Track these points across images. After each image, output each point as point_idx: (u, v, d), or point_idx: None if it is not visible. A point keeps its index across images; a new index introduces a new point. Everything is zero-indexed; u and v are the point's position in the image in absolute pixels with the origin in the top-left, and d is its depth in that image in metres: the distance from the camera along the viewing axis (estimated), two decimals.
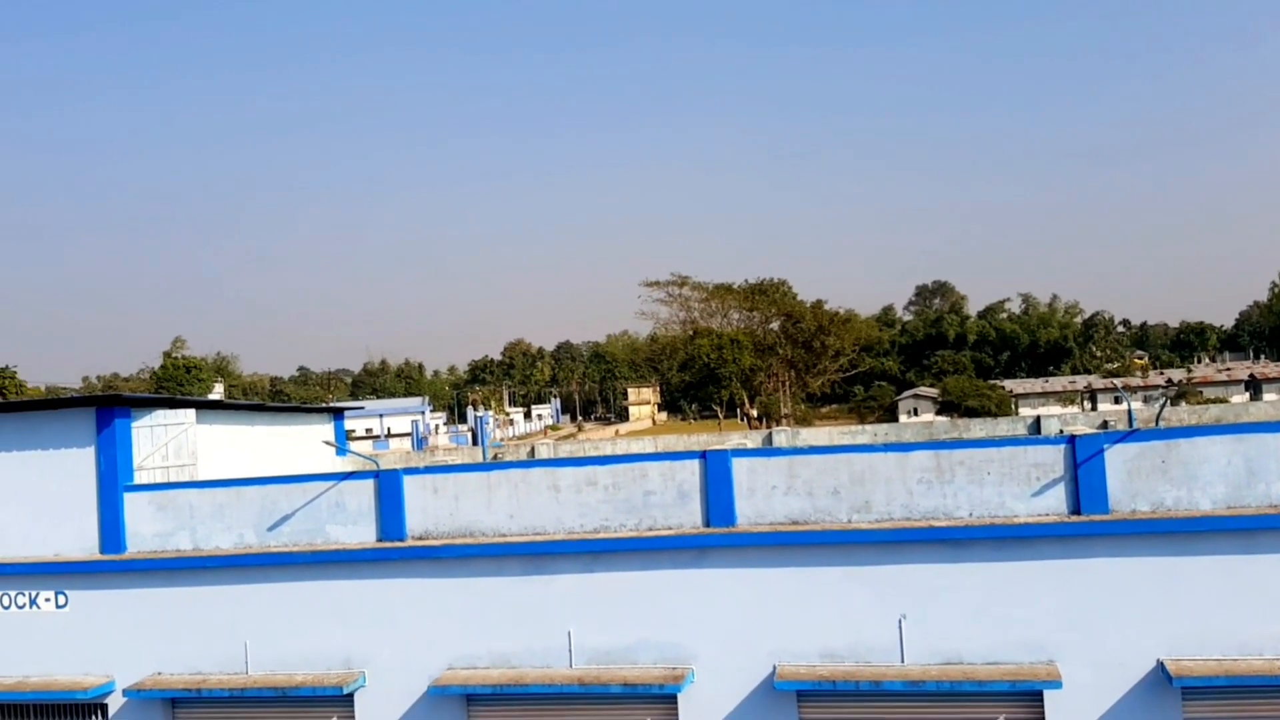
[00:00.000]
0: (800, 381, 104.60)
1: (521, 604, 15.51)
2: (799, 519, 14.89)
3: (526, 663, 15.39)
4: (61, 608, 17.26)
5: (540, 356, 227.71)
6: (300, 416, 25.79)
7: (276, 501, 16.65)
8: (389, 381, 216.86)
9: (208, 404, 21.35)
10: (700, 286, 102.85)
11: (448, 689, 15.16)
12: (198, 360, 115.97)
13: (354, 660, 15.99)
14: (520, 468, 16.22)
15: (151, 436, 18.28)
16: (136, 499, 17.15)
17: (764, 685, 14.66)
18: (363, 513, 16.34)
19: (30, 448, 17.75)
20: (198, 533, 16.86)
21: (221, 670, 16.38)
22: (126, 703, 16.72)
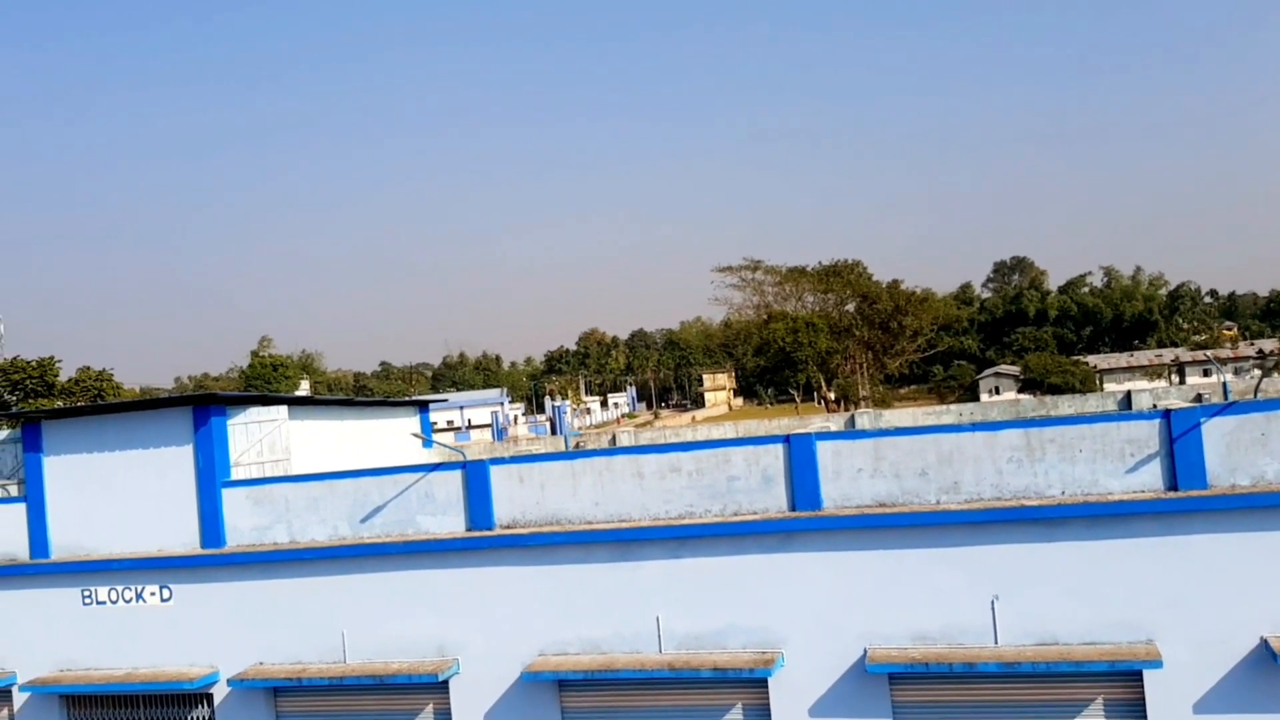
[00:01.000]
0: (878, 363, 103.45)
1: (609, 590, 15.64)
2: (886, 501, 14.78)
3: (616, 648, 15.54)
4: (166, 601, 17.85)
5: (614, 345, 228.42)
6: (387, 410, 26.29)
7: (368, 493, 17.01)
8: (468, 374, 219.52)
9: (298, 400, 21.87)
10: (774, 270, 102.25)
11: (540, 675, 15.38)
12: (284, 358, 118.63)
13: (448, 648, 16.29)
14: (603, 455, 16.31)
15: (246, 433, 18.79)
16: (234, 494, 17.66)
17: (855, 668, 14.60)
18: (451, 503, 16.61)
19: (132, 447, 18.36)
20: (294, 525, 17.30)
21: (320, 659, 16.81)
22: (231, 692, 17.25)
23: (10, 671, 18.56)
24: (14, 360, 63.19)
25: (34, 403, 58.68)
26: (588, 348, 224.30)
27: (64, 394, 61.41)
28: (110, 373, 65.15)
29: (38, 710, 18.53)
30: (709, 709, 15.32)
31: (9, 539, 18.89)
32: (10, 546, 18.87)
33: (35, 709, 18.55)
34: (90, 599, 18.21)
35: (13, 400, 60.60)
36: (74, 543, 18.50)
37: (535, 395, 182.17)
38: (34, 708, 18.55)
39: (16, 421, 21.31)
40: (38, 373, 61.72)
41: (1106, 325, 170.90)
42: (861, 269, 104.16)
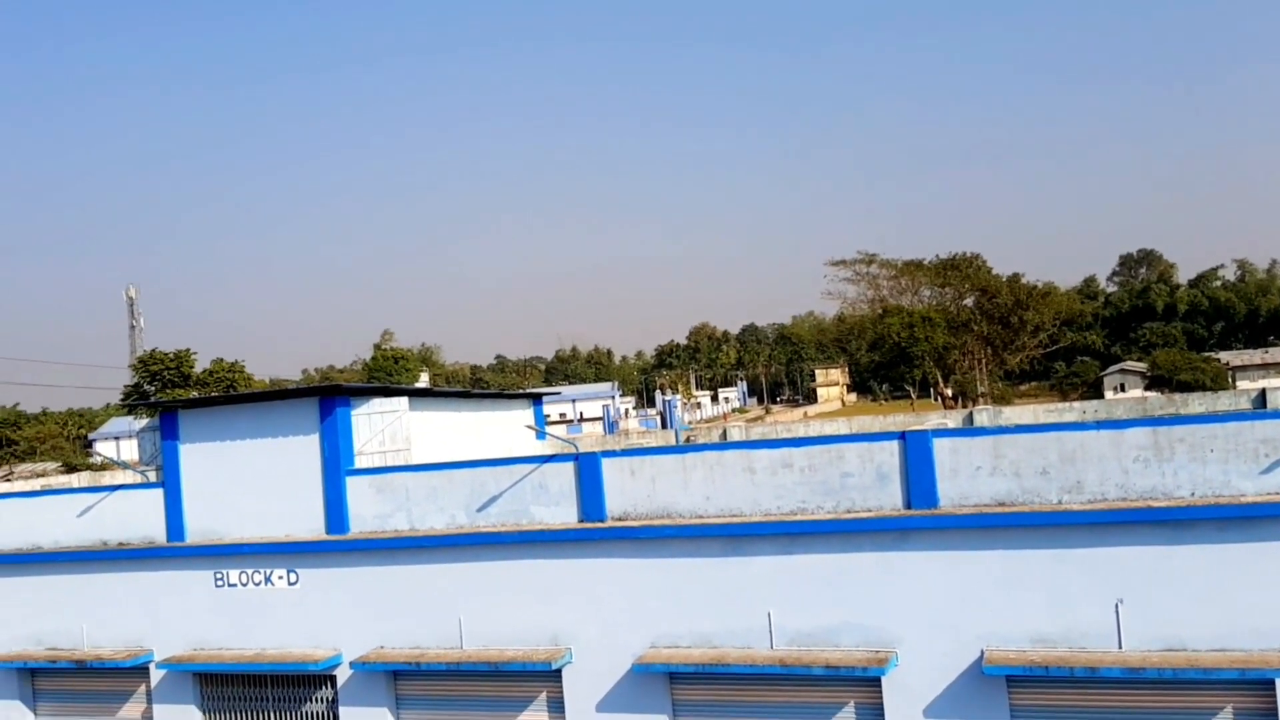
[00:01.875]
0: (997, 359, 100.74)
1: (720, 585, 15.66)
2: (1005, 500, 14.44)
3: (727, 643, 15.55)
4: (293, 585, 18.52)
5: (725, 340, 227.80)
6: (502, 402, 26.78)
7: (484, 483, 17.37)
8: (579, 367, 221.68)
9: (418, 392, 22.42)
10: (889, 264, 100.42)
11: (651, 667, 15.49)
12: (405, 351, 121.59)
13: (561, 637, 16.54)
14: (715, 450, 16.32)
15: (369, 423, 19.36)
16: (358, 482, 18.22)
17: (971, 669, 14.32)
18: (564, 494, 16.84)
19: (262, 435, 19.10)
20: (413, 514, 17.77)
21: (439, 644, 17.24)
22: (353, 674, 17.81)
23: (148, 649, 19.50)
24: (152, 352, 66.25)
25: (171, 393, 61.43)
26: (698, 342, 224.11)
27: (199, 384, 64.08)
28: (242, 364, 67.77)
29: (173, 687, 19.44)
30: (821, 706, 15.22)
31: (148, 522, 19.84)
32: (149, 530, 19.82)
33: (170, 686, 19.46)
34: (222, 581, 19.01)
35: (151, 390, 63.52)
36: (207, 527, 19.34)
37: (646, 389, 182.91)
38: (169, 684, 19.46)
39: (155, 411, 22.38)
40: (174, 364, 64.55)
41: (1240, 321, 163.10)
42: (980, 262, 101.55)
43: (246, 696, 19.13)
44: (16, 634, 20.71)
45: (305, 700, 18.64)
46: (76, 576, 20.25)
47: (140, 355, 71.46)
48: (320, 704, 18.48)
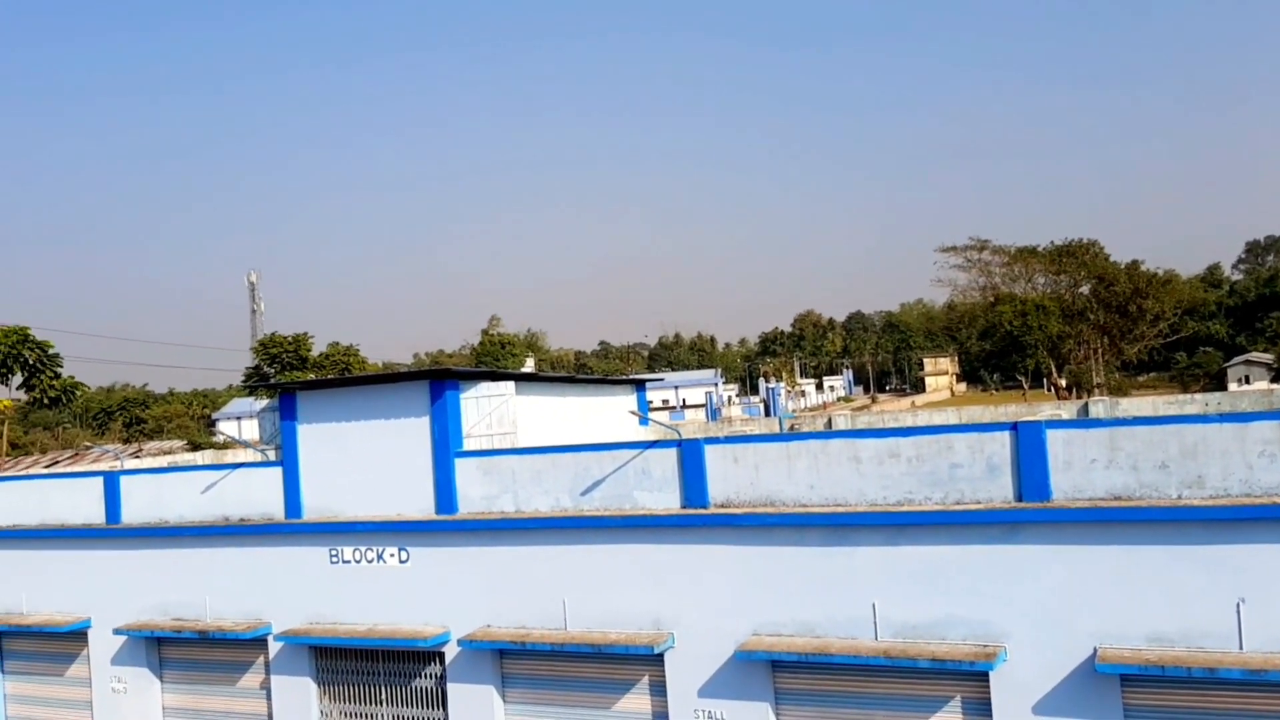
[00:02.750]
0: (1114, 349, 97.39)
1: (824, 574, 15.55)
2: (1121, 494, 14.01)
3: (831, 633, 15.44)
4: (404, 563, 19.02)
5: (831, 327, 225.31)
6: (606, 388, 27.01)
7: (588, 468, 17.55)
8: (682, 354, 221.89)
9: (525, 376, 22.76)
10: (1001, 250, 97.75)
11: (754, 654, 15.48)
12: (511, 336, 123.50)
13: (663, 622, 16.64)
14: (819, 439, 16.19)
15: (477, 407, 19.74)
16: (466, 464, 18.60)
17: (1083, 667, 13.95)
18: (667, 480, 16.91)
19: (375, 417, 19.62)
20: (519, 496, 18.07)
21: (543, 625, 17.52)
22: (461, 652, 18.22)
23: (266, 622, 20.25)
24: (272, 335, 68.56)
25: (289, 375, 63.50)
26: (803, 329, 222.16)
27: (315, 367, 66.12)
28: (356, 348, 69.71)
29: (290, 659, 20.16)
30: (926, 699, 15.02)
31: (267, 500, 20.59)
32: (268, 507, 20.57)
33: (287, 658, 20.18)
34: (337, 558, 19.62)
35: (271, 372, 65.76)
36: (323, 505, 19.98)
37: (749, 376, 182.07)
38: (286, 656, 20.19)
39: (274, 392, 23.15)
40: (293, 347, 66.71)
41: None
42: (1098, 249, 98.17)
43: (359, 670, 19.73)
44: (145, 604, 21.73)
45: (415, 676, 19.15)
46: (200, 550, 21.13)
47: (261, 338, 74.02)
48: (429, 680, 18.96)
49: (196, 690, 21.66)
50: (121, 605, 21.98)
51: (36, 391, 67.44)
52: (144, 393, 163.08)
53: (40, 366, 66.90)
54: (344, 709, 19.87)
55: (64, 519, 23.09)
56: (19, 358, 66.08)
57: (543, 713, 17.79)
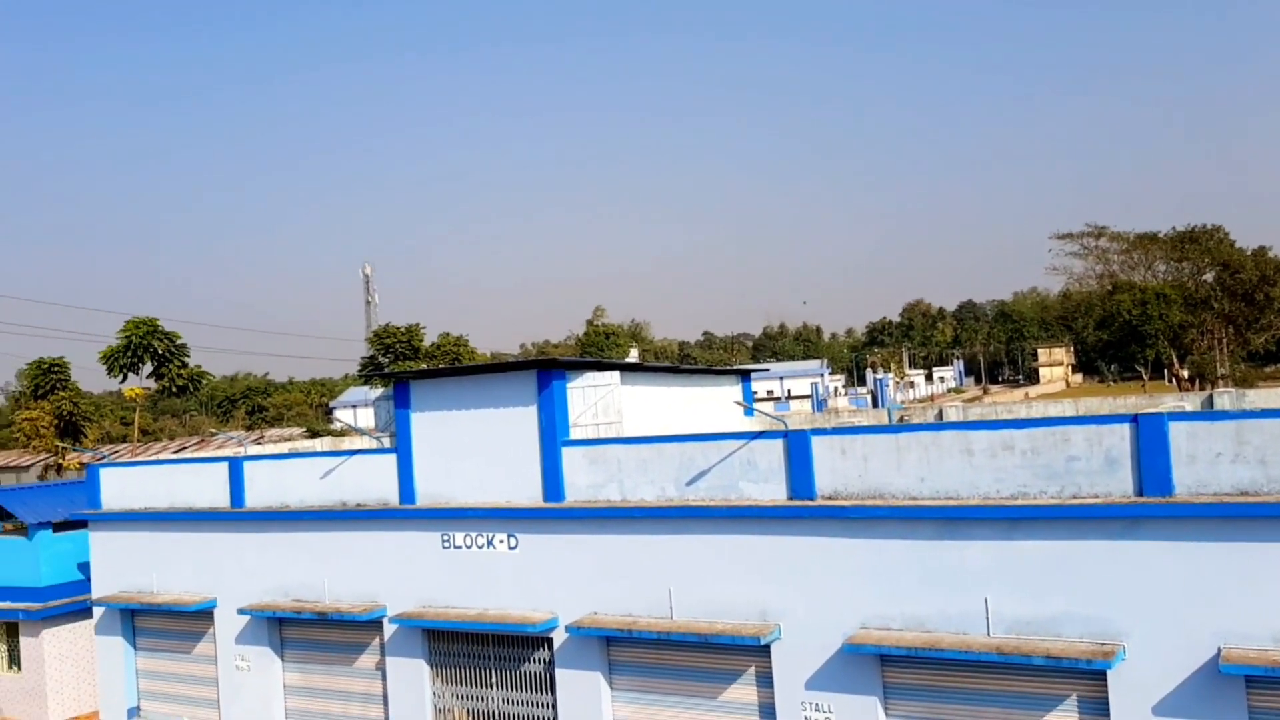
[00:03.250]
0: (1240, 338, 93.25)
1: (934, 568, 15.29)
2: (1248, 489, 13.43)
3: (941, 628, 15.18)
4: (513, 549, 19.33)
5: (941, 317, 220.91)
6: (710, 378, 26.98)
7: (693, 458, 17.57)
8: (788, 344, 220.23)
9: (630, 366, 22.88)
10: (1120, 237, 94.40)
11: (862, 648, 15.32)
12: (615, 327, 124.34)
13: (769, 613, 16.58)
14: (930, 430, 15.90)
15: (583, 396, 19.93)
16: (572, 453, 18.80)
17: (1206, 668, 13.43)
18: (773, 471, 16.82)
19: (484, 406, 19.97)
20: (625, 485, 18.19)
21: (650, 613, 17.62)
22: (569, 638, 18.45)
23: (382, 604, 20.82)
24: (386, 326, 70.33)
25: (402, 364, 65.05)
26: (912, 319, 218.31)
27: (427, 357, 67.55)
28: (466, 338, 70.95)
29: (404, 641, 20.70)
30: (1040, 698, 14.66)
31: (382, 486, 21.15)
32: (383, 493, 21.13)
33: (402, 639, 20.73)
34: (448, 543, 20.06)
35: (385, 362, 67.44)
36: (435, 491, 20.43)
37: (856, 367, 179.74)
38: (400, 638, 20.74)
39: (389, 381, 23.74)
40: (406, 337, 68.31)
41: None
42: (1222, 235, 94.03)
43: (470, 653, 20.15)
44: (267, 585, 22.55)
45: (524, 660, 19.47)
46: (319, 534, 21.83)
47: (375, 329, 76.01)
48: (538, 664, 19.26)
49: (315, 669, 22.40)
50: (245, 586, 22.86)
51: (165, 380, 70.50)
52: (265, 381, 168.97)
53: (169, 356, 69.90)
54: (456, 691, 20.32)
55: (191, 503, 24.10)
56: (149, 348, 69.13)
57: (650, 700, 17.91)
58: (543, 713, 19.18)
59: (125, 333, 69.77)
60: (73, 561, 27.69)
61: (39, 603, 27.21)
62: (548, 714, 19.10)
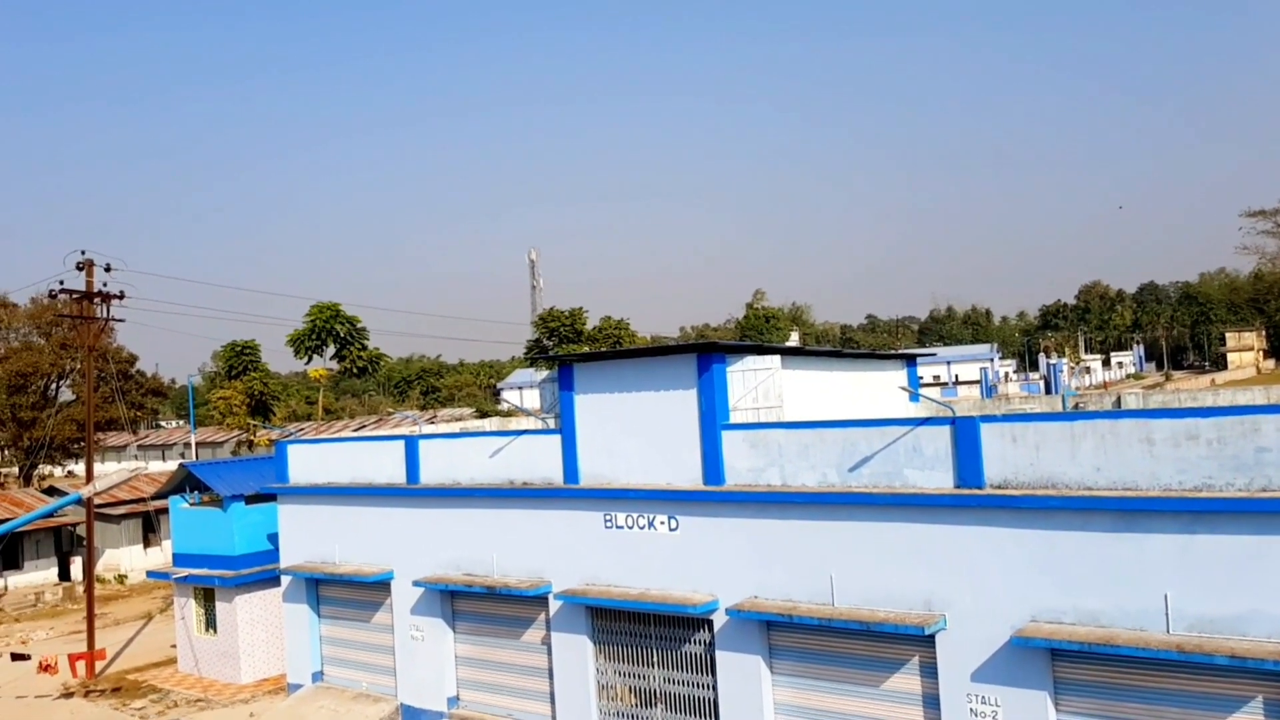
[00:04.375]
0: None
1: (1111, 562, 14.69)
2: None
3: (1117, 623, 14.59)
4: (673, 531, 19.57)
5: (1120, 299, 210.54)
6: (874, 362, 26.57)
7: (856, 443, 17.37)
8: (955, 328, 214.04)
9: (791, 350, 22.76)
10: None
11: (1031, 641, 14.88)
12: (775, 310, 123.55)
13: (934, 602, 16.29)
14: (1107, 418, 15.25)
15: (743, 380, 19.96)
16: (733, 436, 18.88)
17: None
18: (939, 458, 16.48)
19: (645, 389, 20.24)
20: (786, 470, 18.15)
21: (810, 599, 17.55)
22: (729, 621, 18.57)
23: (547, 581, 21.42)
24: (551, 310, 71.94)
25: (566, 347, 66.44)
26: (1088, 302, 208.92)
27: (590, 340, 68.80)
28: (627, 322, 71.91)
29: (568, 617, 21.25)
30: (1223, 699, 13.93)
31: (547, 465, 21.73)
32: (548, 472, 21.70)
33: (566, 616, 21.28)
34: (611, 523, 20.46)
35: (549, 345, 69.02)
36: (598, 471, 20.86)
37: (1028, 352, 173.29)
38: (565, 614, 21.29)
39: (553, 364, 24.33)
40: (569, 321, 69.75)
41: None
42: None
43: (632, 632, 20.52)
44: (440, 559, 23.51)
45: (684, 641, 19.70)
46: (488, 511, 22.61)
47: (540, 313, 77.85)
48: (698, 646, 19.46)
49: (485, 642, 23.25)
50: (419, 559, 23.90)
51: (346, 362, 74.15)
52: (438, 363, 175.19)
53: (350, 339, 73.46)
54: (618, 668, 20.75)
55: (370, 478, 25.32)
56: (332, 331, 72.76)
57: (810, 686, 17.87)
58: (703, 694, 19.39)
59: (310, 317, 73.64)
60: (263, 532, 29.50)
61: (232, 570, 29.14)
62: (708, 695, 19.29)
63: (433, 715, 23.87)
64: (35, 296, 70.23)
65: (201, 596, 30.60)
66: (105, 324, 35.20)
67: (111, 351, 64.63)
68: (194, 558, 30.34)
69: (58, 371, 68.28)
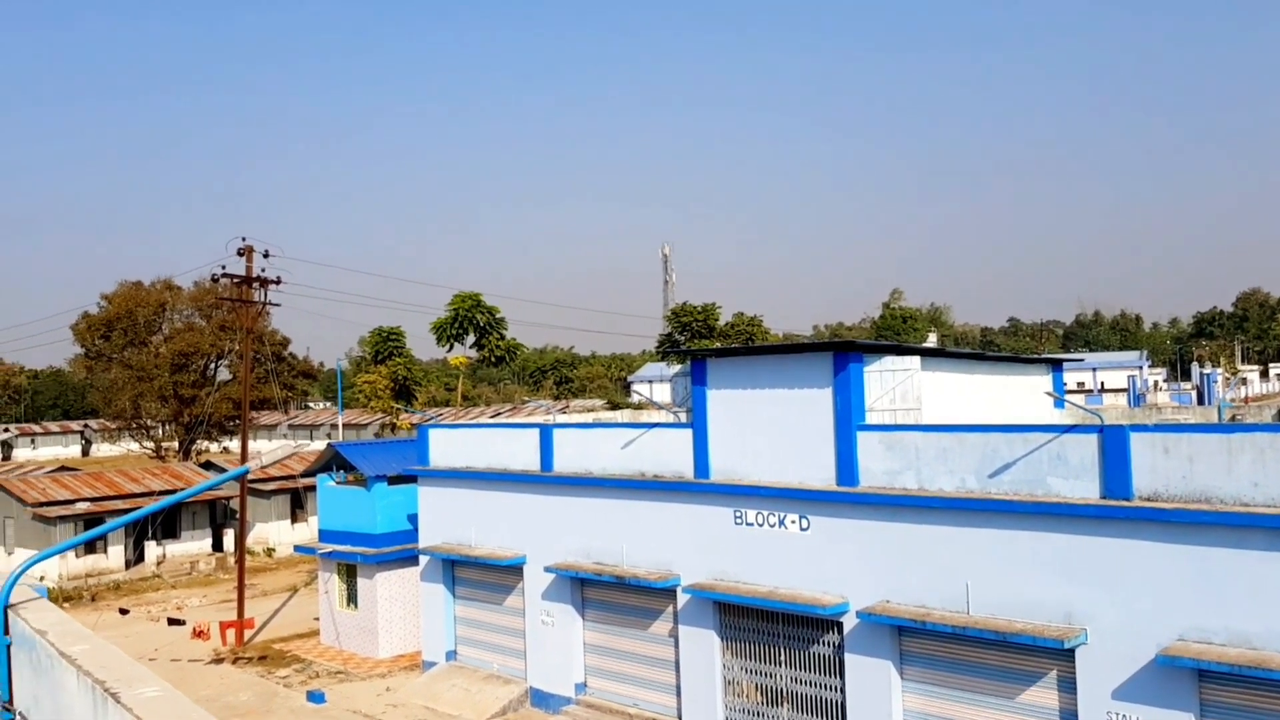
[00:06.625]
0: None
1: (1265, 582, 13.97)
2: None
3: (1270, 646, 13.88)
4: (804, 530, 19.46)
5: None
6: (1017, 366, 25.85)
7: (997, 449, 16.95)
8: (1102, 334, 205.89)
9: (931, 351, 22.33)
10: None
11: (1178, 660, 14.28)
12: (913, 310, 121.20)
13: (1075, 616, 15.78)
14: (1268, 431, 14.49)
15: (880, 381, 19.68)
16: (868, 438, 18.65)
17: None
18: (1085, 467, 15.95)
19: (778, 386, 20.17)
20: (922, 473, 17.84)
21: (944, 606, 17.23)
22: (859, 624, 18.36)
23: (676, 574, 21.57)
24: (683, 305, 72.19)
25: (698, 342, 66.58)
26: (1246, 310, 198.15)
27: (721, 336, 68.81)
28: (760, 318, 71.64)
29: (696, 611, 21.36)
30: None
31: (678, 459, 21.86)
32: (679, 465, 21.83)
33: (694, 609, 21.39)
34: (741, 520, 20.47)
35: (681, 339, 69.30)
36: (729, 467, 20.89)
37: (1179, 360, 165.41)
38: (693, 608, 21.40)
39: (686, 358, 24.46)
40: (702, 316, 69.90)
41: None
42: None
43: (759, 630, 20.50)
44: (570, 547, 23.93)
45: (813, 642, 19.58)
46: (618, 501, 22.90)
47: (673, 307, 78.18)
48: (827, 648, 19.31)
49: (612, 630, 23.56)
50: (551, 546, 24.37)
51: (485, 350, 76.00)
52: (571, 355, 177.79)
53: (489, 329, 75.21)
54: (745, 665, 20.76)
55: (506, 464, 25.93)
56: (473, 320, 74.65)
57: (941, 695, 17.55)
58: (831, 695, 19.24)
59: (453, 306, 75.73)
60: (403, 512, 30.53)
61: (374, 548, 30.25)
62: (836, 697, 19.13)
63: (561, 700, 24.32)
64: (198, 280, 74.22)
65: (344, 572, 31.86)
66: (263, 307, 36.92)
67: (267, 334, 67.73)
68: (338, 534, 31.62)
69: (217, 352, 72.06)
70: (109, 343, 73.91)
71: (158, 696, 4.40)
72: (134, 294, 74.48)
